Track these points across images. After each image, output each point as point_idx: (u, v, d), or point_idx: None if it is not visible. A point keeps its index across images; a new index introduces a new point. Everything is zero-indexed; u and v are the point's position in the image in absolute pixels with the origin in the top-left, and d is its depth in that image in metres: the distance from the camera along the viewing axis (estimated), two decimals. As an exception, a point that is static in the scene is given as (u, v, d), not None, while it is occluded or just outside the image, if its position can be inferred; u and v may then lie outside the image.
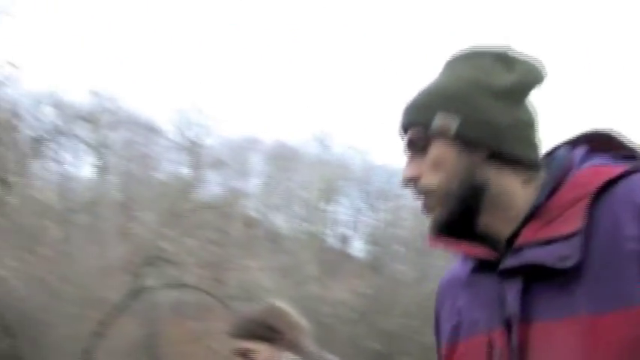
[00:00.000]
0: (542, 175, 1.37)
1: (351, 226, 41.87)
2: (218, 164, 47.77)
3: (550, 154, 1.43)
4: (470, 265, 1.41)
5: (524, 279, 1.28)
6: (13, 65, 16.04)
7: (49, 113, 28.91)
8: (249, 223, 40.70)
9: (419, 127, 1.39)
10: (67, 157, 39.34)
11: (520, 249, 1.29)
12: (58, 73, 53.63)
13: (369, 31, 63.87)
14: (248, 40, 65.89)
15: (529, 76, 1.40)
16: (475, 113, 1.35)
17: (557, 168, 1.35)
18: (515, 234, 1.33)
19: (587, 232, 1.24)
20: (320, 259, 33.73)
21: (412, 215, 36.86)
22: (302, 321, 2.54)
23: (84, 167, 44.01)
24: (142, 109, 61.81)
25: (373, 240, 41.23)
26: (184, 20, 64.99)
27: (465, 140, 1.35)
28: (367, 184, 41.92)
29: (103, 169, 40.78)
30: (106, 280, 26.53)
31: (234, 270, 26.08)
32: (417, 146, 1.40)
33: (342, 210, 42.92)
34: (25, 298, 18.44)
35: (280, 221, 44.71)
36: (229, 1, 61.79)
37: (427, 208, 1.39)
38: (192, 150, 46.60)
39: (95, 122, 23.65)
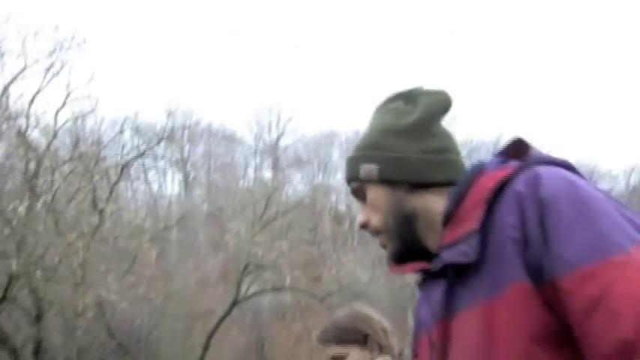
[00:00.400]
0: None
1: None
2: (300, 163, 48.23)
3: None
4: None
5: (447, 279, 1.42)
6: (92, 98, 16.41)
7: (130, 137, 29.82)
8: (338, 217, 40.83)
9: (354, 181, 1.58)
10: (153, 176, 40.55)
11: (439, 254, 1.45)
12: (135, 97, 55.03)
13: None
14: (314, 37, 66.05)
15: (432, 108, 1.58)
16: (388, 157, 1.55)
17: (466, 178, 1.49)
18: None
19: (486, 229, 1.37)
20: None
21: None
22: (386, 323, 2.61)
23: (170, 185, 45.31)
24: (219, 118, 62.94)
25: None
26: (246, 25, 65.72)
27: (387, 181, 1.53)
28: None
29: (188, 184, 41.76)
30: (207, 292, 27.09)
31: (329, 267, 26.09)
32: (359, 196, 1.59)
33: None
34: (134, 318, 18.96)
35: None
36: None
37: (382, 245, 1.57)
38: (273, 152, 47.21)
39: (175, 140, 24.03)
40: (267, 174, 42.68)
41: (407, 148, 1.54)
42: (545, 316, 1.27)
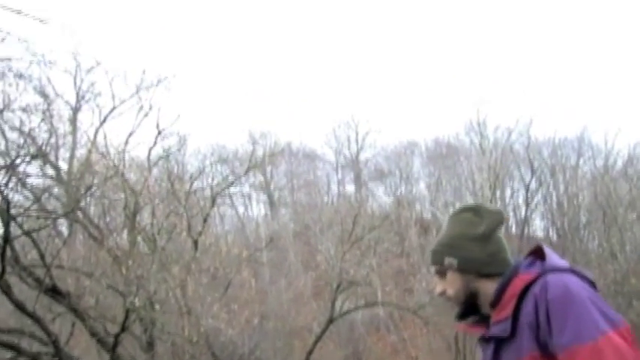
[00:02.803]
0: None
1: (527, 207, 40.53)
2: (381, 175, 48.45)
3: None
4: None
5: (495, 343, 2.35)
6: (180, 135, 17.31)
7: (215, 165, 30.88)
8: (424, 227, 40.83)
9: (438, 265, 2.50)
10: (239, 200, 41.67)
11: (490, 326, 2.38)
12: (214, 123, 56.31)
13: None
14: (386, 48, 66.22)
15: (493, 223, 2.46)
16: (465, 255, 2.43)
17: (507, 277, 2.36)
18: None
19: (516, 315, 2.26)
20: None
21: (590, 184, 35.29)
22: None
23: (256, 207, 46.36)
24: (298, 138, 63.85)
25: (553, 215, 39.81)
26: (316, 41, 66.49)
27: (461, 270, 2.44)
28: (534, 162, 40.50)
29: (273, 205, 42.67)
30: (301, 310, 27.70)
31: (420, 278, 26.24)
32: (440, 274, 2.50)
33: (513, 193, 41.87)
34: (235, 340, 19.65)
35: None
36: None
37: (453, 306, 2.49)
38: (354, 167, 47.67)
39: (258, 164, 24.78)
40: (350, 188, 43.12)
41: (477, 250, 2.44)
42: None
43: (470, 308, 2.48)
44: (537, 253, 2.40)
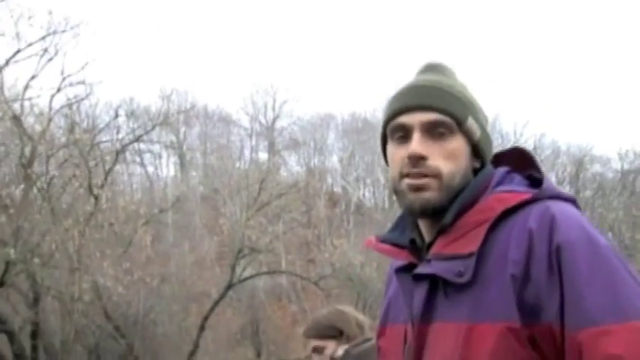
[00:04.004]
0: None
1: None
2: (295, 145, 48.23)
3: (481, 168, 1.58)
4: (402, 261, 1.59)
5: (429, 285, 1.47)
6: (87, 84, 16.49)
7: (126, 121, 29.85)
8: (334, 200, 41.01)
9: (450, 117, 1.52)
10: (149, 159, 40.61)
11: (429, 260, 1.49)
12: (131, 80, 54.86)
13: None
14: (309, 18, 65.76)
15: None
16: (485, 133, 1.57)
17: (474, 187, 1.52)
18: (432, 243, 1.53)
19: (483, 253, 1.42)
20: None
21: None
22: (362, 317, 2.96)
23: (166, 167, 45.35)
24: (215, 101, 62.87)
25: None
26: (241, 6, 65.41)
27: (477, 148, 1.55)
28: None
29: (184, 167, 41.81)
30: (203, 274, 27.30)
31: (324, 250, 26.28)
32: (436, 131, 1.51)
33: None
34: (130, 301, 19.14)
35: (366, 193, 44.86)
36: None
37: (423, 187, 1.50)
38: (269, 134, 47.21)
39: (171, 123, 24.08)
40: (263, 156, 42.76)
41: (488, 136, 1.59)
42: (526, 353, 1.34)
43: (444, 209, 1.50)
44: (516, 161, 1.58)
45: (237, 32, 65.08)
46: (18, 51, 16.85)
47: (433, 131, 1.50)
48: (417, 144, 1.48)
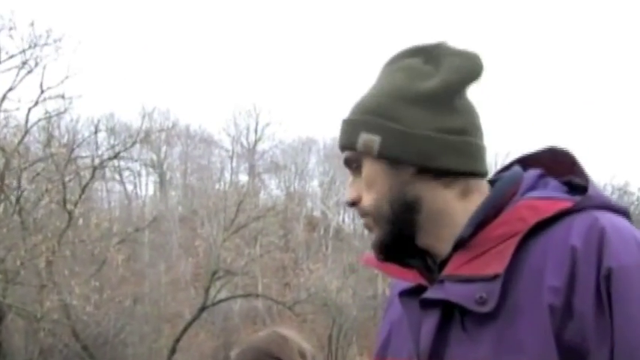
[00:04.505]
0: (485, 187, 1.24)
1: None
2: (276, 168, 48.17)
3: (504, 170, 1.29)
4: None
5: (442, 312, 1.17)
6: (66, 98, 16.28)
7: (107, 138, 29.62)
8: (312, 224, 40.87)
9: (348, 149, 1.26)
10: (127, 177, 40.33)
11: (442, 281, 1.18)
12: (113, 97, 54.63)
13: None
14: (294, 42, 66.05)
15: (458, 75, 1.23)
16: (395, 129, 1.22)
17: (498, 193, 1.21)
18: (447, 260, 1.22)
19: (511, 275, 1.12)
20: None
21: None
22: (306, 345, 2.53)
23: (145, 186, 45.06)
24: (197, 121, 62.77)
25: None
26: (225, 27, 65.63)
27: (389, 159, 1.22)
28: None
29: (163, 186, 41.56)
30: (177, 295, 26.99)
31: (299, 274, 26.07)
32: (352, 167, 1.27)
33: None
34: (100, 321, 18.82)
35: (345, 219, 44.76)
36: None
37: (368, 228, 1.29)
38: (250, 157, 47.12)
39: (151, 141, 23.91)
40: (244, 178, 42.60)
41: (420, 121, 1.22)
42: None
43: (397, 241, 1.26)
44: (553, 163, 1.25)
45: (221, 53, 65.23)
46: (-2, 62, 16.69)
47: (353, 169, 1.28)
48: (347, 190, 1.30)
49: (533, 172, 1.23)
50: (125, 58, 60.30)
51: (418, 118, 1.21)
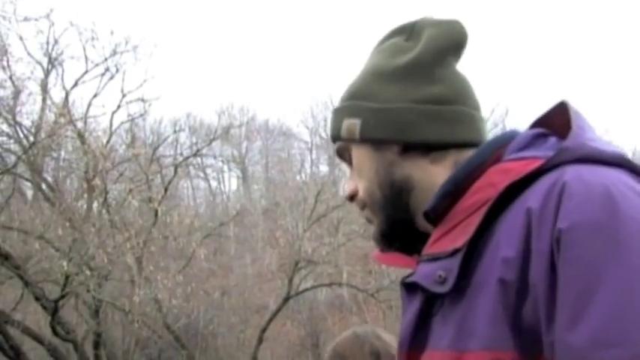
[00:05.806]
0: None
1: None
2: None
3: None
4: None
5: (424, 299, 1.05)
6: (145, 101, 16.96)
7: (189, 137, 30.55)
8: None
9: (337, 139, 1.24)
10: (211, 174, 41.40)
11: (419, 260, 1.09)
12: (194, 97, 55.90)
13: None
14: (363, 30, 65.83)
15: (435, 43, 1.15)
16: (372, 108, 1.15)
17: (475, 159, 1.09)
18: None
19: (480, 250, 0.98)
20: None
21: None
22: (377, 343, 2.49)
23: (228, 181, 46.11)
24: (274, 115, 63.62)
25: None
26: (300, 19, 66.06)
27: (371, 141, 1.17)
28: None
29: (245, 180, 42.41)
30: (263, 287, 27.57)
31: (383, 261, 26.12)
32: (345, 159, 1.24)
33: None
34: (190, 313, 19.52)
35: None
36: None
37: (368, 220, 1.24)
38: (329, 147, 47.43)
39: (230, 138, 24.53)
40: (324, 169, 42.93)
41: (396, 95, 1.14)
42: None
43: (397, 228, 1.18)
44: (553, 121, 1.08)
45: (296, 46, 65.73)
46: (86, 72, 17.60)
47: (348, 160, 1.24)
48: (346, 183, 1.26)
49: (531, 132, 1.10)
50: (200, 58, 61.64)
51: (395, 92, 1.14)
